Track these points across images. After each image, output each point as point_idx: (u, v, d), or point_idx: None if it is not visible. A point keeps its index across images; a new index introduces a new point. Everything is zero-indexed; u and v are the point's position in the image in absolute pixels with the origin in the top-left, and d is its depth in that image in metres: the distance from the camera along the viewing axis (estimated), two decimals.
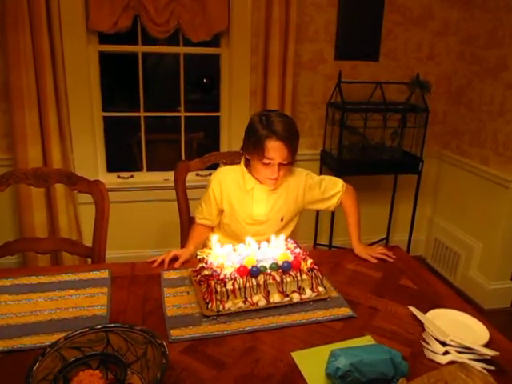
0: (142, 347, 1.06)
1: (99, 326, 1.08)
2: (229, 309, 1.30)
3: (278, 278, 1.35)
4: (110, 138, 2.90)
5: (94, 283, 1.45)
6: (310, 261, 1.43)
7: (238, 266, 1.37)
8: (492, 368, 1.10)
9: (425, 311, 1.33)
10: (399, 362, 1.06)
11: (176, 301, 1.37)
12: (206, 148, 3.52)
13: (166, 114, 3.07)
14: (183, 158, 3.02)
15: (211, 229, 1.84)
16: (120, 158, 3.25)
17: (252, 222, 1.74)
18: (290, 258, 1.43)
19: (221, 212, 1.77)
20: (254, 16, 2.68)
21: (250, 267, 1.34)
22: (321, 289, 1.40)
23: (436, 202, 3.30)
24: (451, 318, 1.31)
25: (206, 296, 1.33)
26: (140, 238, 2.99)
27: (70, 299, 1.35)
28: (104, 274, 1.50)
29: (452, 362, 1.12)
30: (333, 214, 2.92)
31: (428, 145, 3.03)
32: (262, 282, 1.33)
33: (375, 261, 1.69)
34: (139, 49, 2.73)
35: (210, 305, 1.30)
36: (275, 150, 1.54)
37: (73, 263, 2.47)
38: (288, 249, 1.51)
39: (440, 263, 3.19)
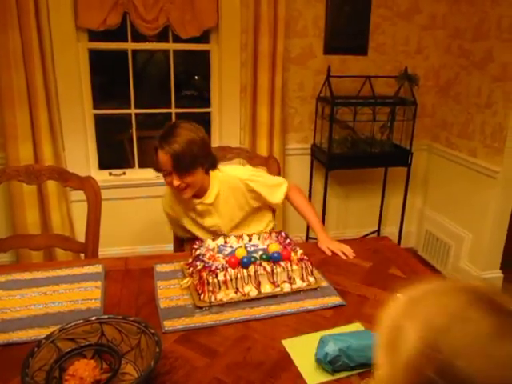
0: (135, 337, 1.08)
1: (93, 318, 1.10)
2: (221, 299, 1.33)
3: (269, 269, 1.38)
4: (102, 136, 2.90)
5: (87, 277, 1.46)
6: (300, 251, 1.46)
7: (228, 257, 1.40)
8: None
9: None
10: None
11: (169, 293, 1.39)
12: None
13: (156, 111, 3.07)
14: None
15: None
16: (111, 155, 3.25)
17: (214, 232, 1.77)
18: (280, 248, 1.45)
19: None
20: (242, 12, 2.70)
21: (240, 258, 1.37)
22: (311, 279, 1.43)
23: (426, 193, 3.34)
24: None
25: (198, 287, 1.35)
26: (132, 235, 3.00)
27: (64, 293, 1.37)
28: (97, 268, 1.52)
29: None
30: (324, 207, 2.95)
31: (417, 138, 3.07)
32: (252, 273, 1.36)
33: (330, 253, 1.67)
34: (129, 46, 2.73)
35: (202, 296, 1.32)
36: (162, 159, 1.57)
37: (66, 259, 2.49)
38: (277, 240, 1.54)
39: (431, 254, 3.23)
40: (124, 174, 2.92)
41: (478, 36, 2.70)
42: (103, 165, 2.91)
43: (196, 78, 4.00)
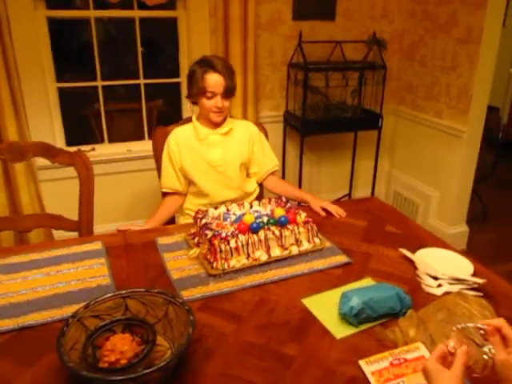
0: (162, 308, 1.07)
1: (116, 293, 1.07)
2: (233, 266, 1.33)
3: (278, 233, 1.39)
4: (66, 110, 2.75)
5: (89, 255, 1.42)
6: (303, 214, 1.48)
7: (236, 224, 1.40)
8: (481, 294, 1.22)
9: (413, 252, 1.43)
10: (404, 297, 1.15)
11: (178, 264, 1.38)
12: (166, 116, 3.44)
13: (124, 82, 2.94)
14: (145, 127, 2.95)
15: (180, 197, 1.87)
16: (77, 130, 3.10)
17: (214, 173, 1.83)
18: (285, 213, 1.47)
19: (183, 174, 1.83)
20: None
21: (250, 224, 1.37)
22: (316, 240, 1.47)
23: (393, 156, 3.46)
24: (438, 255, 1.42)
25: (209, 256, 1.35)
26: (108, 212, 2.91)
27: (69, 273, 1.32)
28: (97, 245, 1.47)
29: (447, 293, 1.23)
30: (301, 173, 2.98)
31: (384, 102, 3.15)
32: (262, 238, 1.37)
33: (323, 213, 1.72)
34: (91, 13, 2.57)
35: (214, 264, 1.32)
36: (214, 81, 1.71)
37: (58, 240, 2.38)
38: (279, 205, 1.56)
39: None
40: (93, 149, 2.80)
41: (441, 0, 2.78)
42: (71, 141, 2.78)
43: (163, 48, 3.85)
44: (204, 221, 1.43)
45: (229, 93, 1.76)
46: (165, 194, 1.90)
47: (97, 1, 2.53)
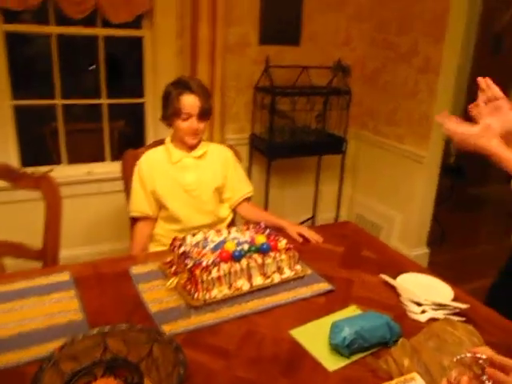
0: (145, 347, 0.99)
1: (95, 331, 0.99)
2: (215, 297, 1.27)
3: (260, 261, 1.35)
4: (21, 129, 2.60)
5: (56, 287, 1.31)
6: (284, 241, 1.45)
7: (217, 252, 1.35)
8: (463, 319, 1.22)
9: (393, 277, 1.43)
10: (393, 325, 1.14)
11: (155, 295, 1.29)
12: (129, 137, 3.33)
13: (86, 102, 2.83)
14: (106, 148, 2.83)
15: (151, 222, 1.80)
16: (34, 150, 2.93)
17: (187, 197, 1.77)
18: (266, 240, 1.43)
19: (155, 198, 1.76)
20: None
21: (232, 252, 1.32)
22: (298, 267, 1.44)
23: (356, 180, 3.53)
24: (418, 281, 1.43)
25: (189, 286, 1.28)
26: (67, 237, 2.74)
27: (36, 308, 1.21)
28: (64, 276, 1.36)
29: (432, 319, 1.23)
30: (267, 197, 2.97)
31: (347, 126, 3.22)
32: (245, 266, 1.32)
33: (300, 239, 1.69)
34: (52, 30, 2.47)
35: (196, 295, 1.25)
36: (190, 102, 1.69)
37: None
38: (258, 231, 1.52)
39: None
40: (52, 170, 2.63)
41: (402, 30, 2.89)
42: (26, 161, 2.62)
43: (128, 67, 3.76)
44: (182, 249, 1.36)
45: (204, 115, 1.74)
46: (133, 220, 1.81)
47: (59, 16, 2.43)
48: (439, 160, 2.86)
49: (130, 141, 1.90)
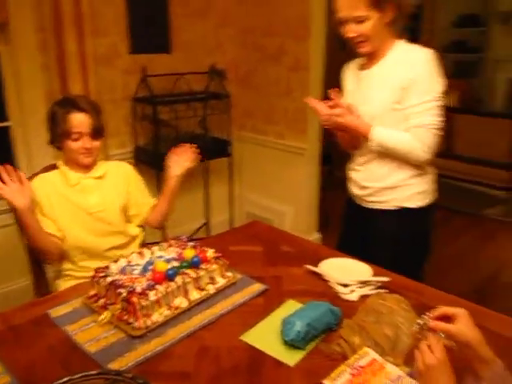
0: None
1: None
2: (156, 321, 1.21)
3: (194, 275, 1.33)
4: None
5: None
6: (211, 250, 1.44)
7: (147, 274, 1.29)
8: (387, 291, 1.36)
9: (315, 266, 1.52)
10: (334, 310, 1.22)
11: (89, 335, 1.19)
12: None
13: None
14: None
15: (61, 241, 1.63)
16: None
17: (92, 221, 1.65)
18: (195, 253, 1.41)
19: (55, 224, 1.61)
20: (38, 8, 2.35)
21: (165, 271, 1.27)
22: (229, 274, 1.44)
23: (242, 179, 3.63)
24: (338, 264, 1.54)
25: (126, 316, 1.20)
26: None
27: None
28: None
29: (363, 296, 1.34)
30: None
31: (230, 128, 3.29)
32: (180, 283, 1.28)
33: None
34: None
35: (136, 324, 1.18)
36: (79, 120, 1.59)
37: None
38: (182, 246, 1.49)
39: None
40: None
41: (269, 33, 3.05)
42: None
43: None
44: (110, 279, 1.27)
45: (97, 132, 1.64)
46: None
47: None
48: (318, 150, 3.10)
49: None
